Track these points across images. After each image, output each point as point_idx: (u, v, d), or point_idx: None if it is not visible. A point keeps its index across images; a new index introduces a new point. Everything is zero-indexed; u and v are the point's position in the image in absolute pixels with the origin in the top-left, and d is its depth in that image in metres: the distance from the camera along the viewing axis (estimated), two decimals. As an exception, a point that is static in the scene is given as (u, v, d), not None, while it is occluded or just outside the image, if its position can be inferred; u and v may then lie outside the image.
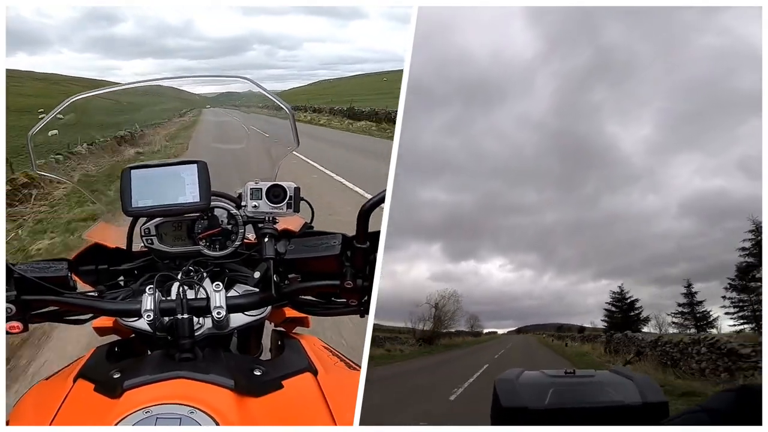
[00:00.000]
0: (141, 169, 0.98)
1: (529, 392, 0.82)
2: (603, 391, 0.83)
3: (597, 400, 0.81)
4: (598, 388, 0.84)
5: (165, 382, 0.78)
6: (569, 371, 0.88)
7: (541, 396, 0.81)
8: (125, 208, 0.97)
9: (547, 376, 0.87)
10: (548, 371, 0.88)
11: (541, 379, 0.86)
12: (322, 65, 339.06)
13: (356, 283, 0.92)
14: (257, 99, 1.17)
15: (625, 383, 0.83)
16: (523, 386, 0.84)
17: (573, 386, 0.84)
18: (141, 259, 1.10)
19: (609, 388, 0.83)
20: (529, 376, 0.87)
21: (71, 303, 0.94)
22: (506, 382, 0.85)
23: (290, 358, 0.94)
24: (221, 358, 0.86)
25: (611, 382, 0.85)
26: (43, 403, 0.85)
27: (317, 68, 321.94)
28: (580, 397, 0.82)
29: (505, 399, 0.81)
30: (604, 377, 0.87)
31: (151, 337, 0.89)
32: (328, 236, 0.97)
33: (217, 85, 1.33)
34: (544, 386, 0.83)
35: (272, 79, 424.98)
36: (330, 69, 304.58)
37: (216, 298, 0.90)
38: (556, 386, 0.83)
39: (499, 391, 0.83)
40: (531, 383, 0.85)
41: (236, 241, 1.03)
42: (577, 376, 0.87)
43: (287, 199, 1.02)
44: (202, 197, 0.97)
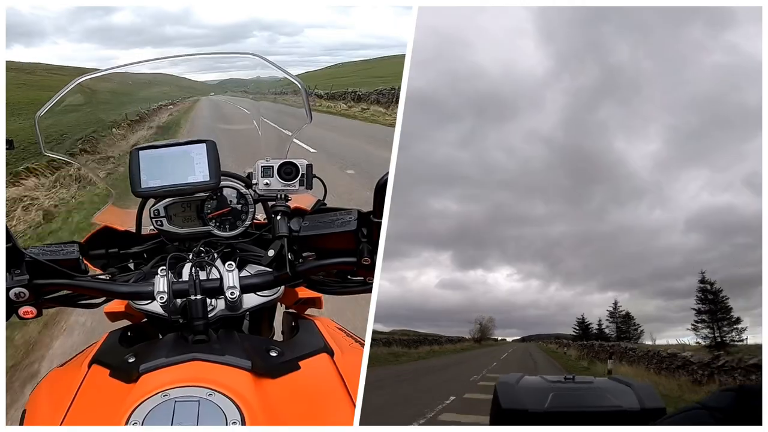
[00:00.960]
0: (149, 149, 0.94)
1: (529, 396, 0.80)
2: (602, 396, 0.81)
3: (595, 405, 0.79)
4: (597, 394, 0.82)
5: (181, 365, 0.75)
6: (569, 377, 0.86)
7: (540, 400, 0.79)
8: (134, 188, 0.93)
9: (547, 381, 0.85)
10: (548, 376, 0.86)
11: (541, 383, 0.84)
12: (325, 51, 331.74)
13: (373, 259, 0.87)
14: (265, 84, 1.13)
15: (624, 390, 0.82)
16: (523, 390, 0.82)
17: (572, 391, 0.82)
18: (150, 241, 1.06)
19: (608, 394, 0.81)
20: (529, 381, 0.85)
21: (84, 286, 0.90)
22: (507, 385, 0.83)
23: (306, 338, 0.90)
24: (236, 339, 0.83)
25: (610, 388, 0.83)
26: (59, 390, 0.82)
27: (319, 54, 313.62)
28: (580, 402, 0.80)
29: (506, 401, 0.80)
30: (603, 384, 0.85)
31: (163, 320, 0.86)
32: (343, 212, 0.92)
33: (223, 72, 1.28)
34: (543, 390, 0.81)
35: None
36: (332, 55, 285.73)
37: (229, 278, 0.86)
38: (555, 391, 0.81)
39: (500, 393, 0.81)
40: (531, 387, 0.83)
41: (246, 220, 0.99)
42: (576, 381, 0.85)
43: (299, 176, 0.97)
44: (212, 176, 0.93)
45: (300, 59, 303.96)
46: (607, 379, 0.87)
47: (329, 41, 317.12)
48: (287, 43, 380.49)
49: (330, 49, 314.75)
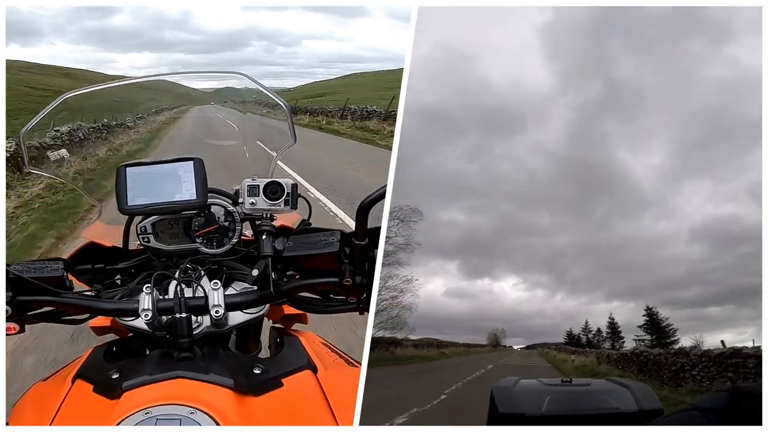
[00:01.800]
0: (136, 167, 0.91)
1: (526, 399, 0.77)
2: (599, 398, 0.77)
3: (593, 407, 0.76)
4: (595, 396, 0.78)
5: (164, 382, 0.73)
6: (566, 380, 0.82)
7: (538, 403, 0.76)
8: (121, 206, 0.90)
9: (543, 384, 0.81)
10: (545, 380, 0.83)
11: (537, 387, 0.81)
12: (321, 63, 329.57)
13: (355, 280, 0.86)
14: (254, 96, 1.12)
15: (621, 391, 0.78)
16: (520, 394, 0.78)
17: (569, 394, 0.79)
18: (137, 257, 1.03)
19: (605, 396, 0.77)
20: (526, 384, 0.81)
21: (68, 303, 0.88)
22: (503, 389, 0.80)
23: (289, 355, 0.89)
24: (220, 357, 0.81)
25: (608, 390, 0.79)
26: (42, 404, 0.80)
27: (315, 66, 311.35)
28: (577, 404, 0.76)
29: (502, 405, 0.76)
30: (600, 386, 0.81)
31: (149, 336, 0.84)
32: (327, 233, 0.91)
33: (214, 81, 1.25)
34: (540, 394, 0.78)
35: (270, 76, 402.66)
36: (328, 67, 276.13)
37: (214, 297, 0.84)
38: (552, 394, 0.77)
39: (496, 397, 0.77)
40: (528, 391, 0.79)
41: (233, 238, 0.96)
42: (573, 384, 0.81)
43: (285, 195, 0.95)
44: (199, 194, 0.91)
45: (296, 70, 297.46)
46: (605, 381, 0.83)
47: (326, 53, 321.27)
48: (285, 53, 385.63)
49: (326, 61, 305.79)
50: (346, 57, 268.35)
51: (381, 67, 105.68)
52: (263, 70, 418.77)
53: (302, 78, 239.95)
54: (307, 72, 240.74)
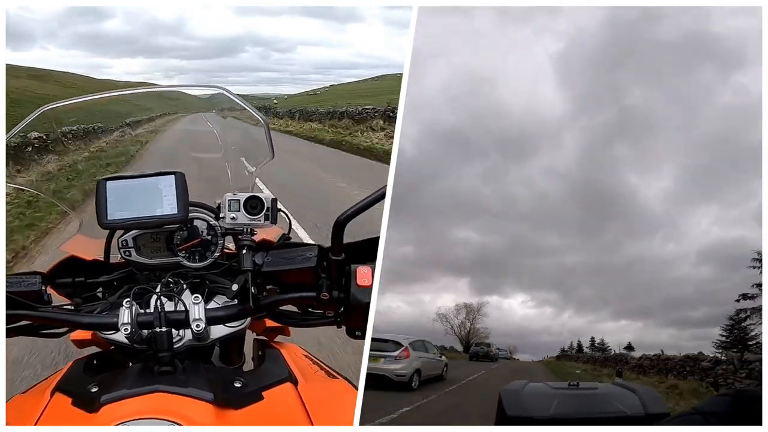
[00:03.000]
0: (116, 180, 0.87)
1: (533, 403, 0.74)
2: (606, 402, 0.74)
3: (600, 411, 0.72)
4: (602, 400, 0.75)
5: (143, 396, 0.69)
6: (573, 383, 0.79)
7: (545, 407, 0.73)
8: (101, 220, 0.86)
9: (551, 387, 0.78)
10: (552, 383, 0.80)
11: (545, 390, 0.78)
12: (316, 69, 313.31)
13: (332, 294, 0.83)
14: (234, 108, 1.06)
15: (628, 395, 0.74)
16: (528, 397, 0.76)
17: (577, 398, 0.76)
18: (119, 270, 0.98)
19: (612, 400, 0.74)
20: (534, 388, 0.78)
21: (46, 317, 0.84)
22: (511, 392, 0.77)
23: (271, 368, 0.85)
24: (201, 371, 0.77)
25: (615, 393, 0.76)
26: (20, 417, 0.76)
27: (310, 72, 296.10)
28: (584, 408, 0.73)
29: (510, 408, 0.74)
30: (607, 389, 0.78)
31: (130, 349, 0.81)
32: (305, 248, 0.88)
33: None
34: (548, 397, 0.75)
35: (265, 82, 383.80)
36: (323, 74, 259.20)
37: (195, 311, 0.81)
38: (560, 397, 0.74)
39: (504, 400, 0.75)
40: (535, 394, 0.76)
41: (216, 252, 0.92)
42: (580, 388, 0.78)
43: (264, 210, 0.91)
44: (180, 209, 0.86)
45: (291, 77, 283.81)
46: (612, 385, 0.80)
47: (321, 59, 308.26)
48: (280, 59, 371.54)
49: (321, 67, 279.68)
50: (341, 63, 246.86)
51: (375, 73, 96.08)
52: (258, 76, 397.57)
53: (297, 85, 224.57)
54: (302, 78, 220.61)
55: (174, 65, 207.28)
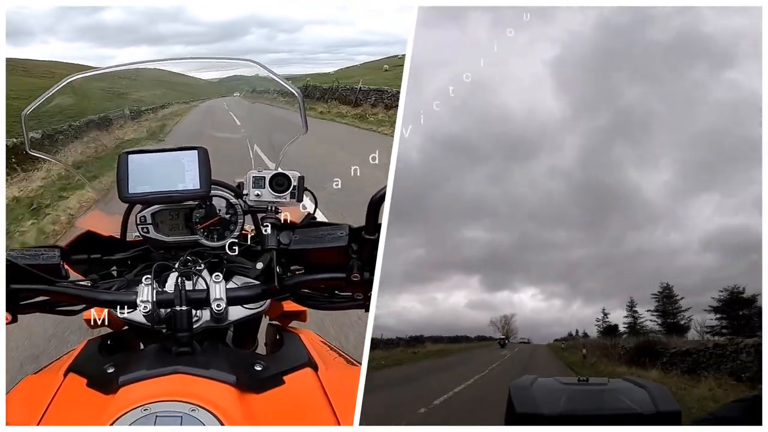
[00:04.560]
0: (138, 154, 0.80)
1: (543, 399, 0.68)
2: (616, 398, 0.68)
3: (610, 408, 0.67)
4: (612, 396, 0.69)
5: (163, 377, 0.64)
6: (582, 379, 0.73)
7: (554, 403, 0.67)
8: (121, 194, 0.79)
9: (560, 383, 0.73)
10: (562, 378, 0.74)
11: (554, 386, 0.72)
12: (325, 49, 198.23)
13: (363, 276, 0.75)
14: (265, 83, 0.98)
15: (639, 392, 0.68)
16: (537, 393, 0.70)
17: (586, 394, 0.70)
18: (135, 248, 0.91)
19: (622, 396, 0.68)
20: (543, 383, 0.73)
21: (63, 292, 0.76)
22: (520, 388, 0.72)
23: (290, 352, 0.79)
24: (221, 352, 0.72)
25: (625, 390, 0.70)
26: (32, 399, 0.70)
27: (319, 52, 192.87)
28: (594, 404, 0.67)
29: (520, 405, 0.68)
30: (617, 385, 0.72)
31: (145, 329, 0.74)
32: (334, 227, 0.80)
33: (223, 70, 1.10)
34: (557, 393, 0.69)
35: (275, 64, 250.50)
36: (333, 53, 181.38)
37: (216, 290, 0.74)
38: (569, 393, 0.69)
39: (514, 397, 0.70)
40: (545, 390, 0.71)
41: (235, 231, 0.85)
42: (590, 383, 0.73)
43: (291, 188, 0.84)
44: (203, 184, 0.79)
45: (300, 57, 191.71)
46: (622, 381, 0.73)
47: (330, 38, 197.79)
48: (286, 40, 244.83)
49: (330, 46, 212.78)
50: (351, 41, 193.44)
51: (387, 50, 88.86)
52: (266, 58, 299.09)
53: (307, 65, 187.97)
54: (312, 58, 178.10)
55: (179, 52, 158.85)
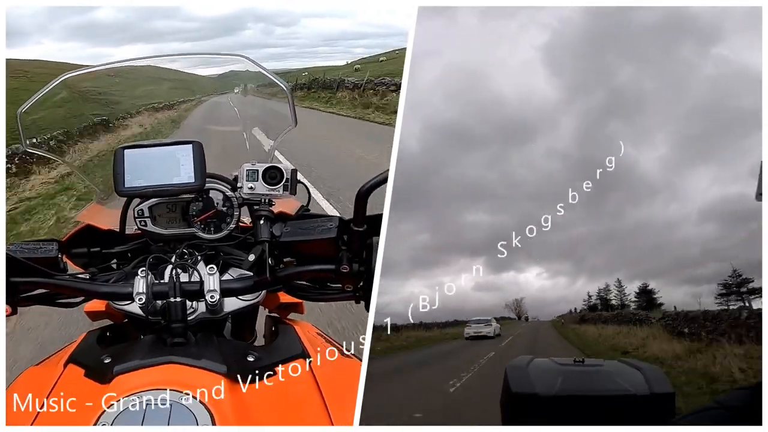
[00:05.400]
0: (134, 148, 0.79)
1: (539, 379, 0.66)
2: (611, 380, 0.65)
3: (605, 389, 0.64)
4: (607, 377, 0.66)
5: (156, 367, 0.63)
6: (578, 360, 0.70)
7: (550, 383, 0.65)
8: (118, 188, 0.78)
9: (556, 363, 0.70)
10: (558, 359, 0.71)
11: (550, 366, 0.70)
12: (324, 42, 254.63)
13: (352, 267, 0.74)
14: (256, 78, 0.95)
15: (634, 373, 0.65)
16: (533, 373, 0.68)
17: (582, 375, 0.67)
18: (134, 241, 0.89)
19: (617, 378, 0.65)
20: (539, 364, 0.70)
21: (61, 285, 0.76)
22: (517, 368, 0.69)
23: (284, 344, 0.77)
24: (214, 343, 0.70)
25: (620, 371, 0.67)
26: (33, 389, 0.70)
27: (318, 45, 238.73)
28: (589, 385, 0.65)
29: (516, 385, 0.66)
30: (612, 366, 0.69)
31: (143, 321, 0.74)
32: (325, 219, 0.79)
33: (216, 66, 1.07)
34: (553, 373, 0.67)
35: (273, 58, 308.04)
36: (331, 45, 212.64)
37: (210, 282, 0.73)
38: (565, 374, 0.66)
39: (510, 377, 0.67)
40: (541, 370, 0.68)
41: (231, 223, 0.84)
42: (586, 365, 0.70)
43: (284, 181, 0.82)
44: (197, 178, 0.78)
45: (298, 51, 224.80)
46: (617, 362, 0.71)
47: (327, 31, 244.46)
48: (284, 34, 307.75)
49: (328, 39, 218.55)
50: (350, 34, 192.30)
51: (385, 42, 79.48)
52: (264, 52, 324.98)
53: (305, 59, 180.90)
54: (310, 52, 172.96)
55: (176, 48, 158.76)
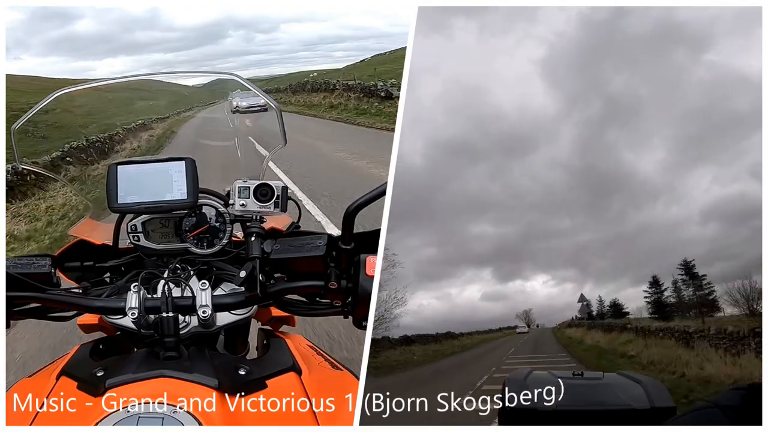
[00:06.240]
0: (127, 165, 0.77)
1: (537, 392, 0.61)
2: (611, 393, 0.61)
3: (605, 402, 0.59)
4: (607, 390, 0.61)
5: (148, 381, 0.62)
6: (577, 373, 0.66)
7: (549, 397, 0.60)
8: (111, 204, 0.76)
9: (555, 376, 0.65)
10: (557, 372, 0.67)
11: (549, 379, 0.65)
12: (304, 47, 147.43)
13: (340, 284, 0.72)
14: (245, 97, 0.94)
15: (634, 386, 0.60)
16: (532, 386, 0.63)
17: (581, 388, 0.62)
18: (128, 256, 0.86)
19: (617, 391, 0.61)
20: (538, 376, 0.66)
21: (54, 300, 0.75)
22: (515, 381, 0.65)
23: (275, 357, 0.75)
24: (206, 357, 0.69)
25: (619, 384, 0.62)
26: (25, 400, 0.67)
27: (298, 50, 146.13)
28: (589, 398, 0.60)
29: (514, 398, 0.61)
30: (612, 379, 0.64)
31: (137, 334, 0.71)
32: (314, 236, 0.77)
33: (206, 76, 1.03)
34: (552, 386, 0.62)
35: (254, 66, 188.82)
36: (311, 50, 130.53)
37: (202, 297, 0.71)
38: (564, 387, 0.62)
39: (509, 390, 0.63)
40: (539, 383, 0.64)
41: (224, 239, 0.82)
42: (585, 377, 0.65)
43: (275, 198, 0.80)
44: (190, 194, 0.76)
45: (280, 57, 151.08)
46: (617, 375, 0.66)
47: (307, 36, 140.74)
48: (264, 40, 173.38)
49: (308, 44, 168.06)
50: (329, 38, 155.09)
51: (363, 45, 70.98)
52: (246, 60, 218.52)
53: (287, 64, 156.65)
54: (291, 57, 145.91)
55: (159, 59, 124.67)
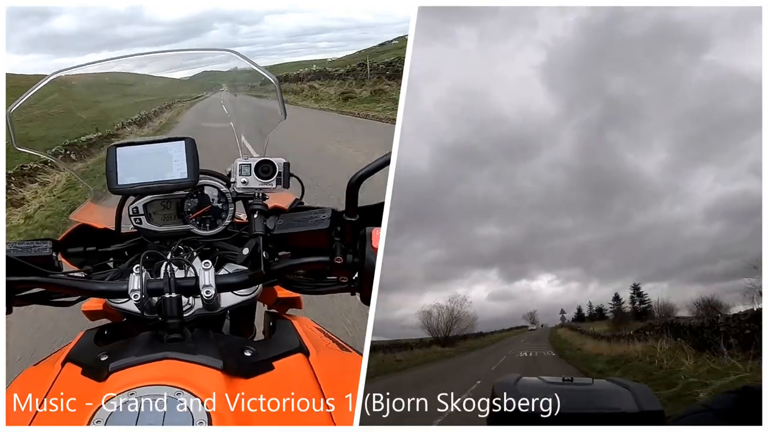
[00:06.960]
0: (127, 146, 0.74)
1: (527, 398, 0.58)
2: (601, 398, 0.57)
3: (594, 407, 0.56)
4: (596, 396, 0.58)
5: (152, 363, 0.59)
6: (567, 378, 0.62)
7: (539, 402, 0.57)
8: (111, 185, 0.73)
9: (545, 382, 0.62)
10: (546, 378, 0.64)
11: (539, 385, 0.62)
12: (288, 38, 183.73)
13: (346, 259, 0.68)
14: (242, 76, 0.89)
15: (622, 392, 0.57)
16: (522, 391, 0.60)
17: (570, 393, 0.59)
18: (130, 239, 0.83)
19: (606, 396, 0.57)
20: (527, 382, 0.63)
21: (56, 284, 0.71)
22: (504, 386, 0.62)
23: (282, 338, 0.72)
24: (210, 339, 0.65)
25: (608, 390, 0.59)
26: (32, 389, 0.65)
27: (283, 42, 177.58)
28: (578, 404, 0.57)
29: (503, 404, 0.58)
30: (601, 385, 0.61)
31: (141, 319, 0.69)
32: (317, 210, 0.73)
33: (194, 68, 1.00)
34: (541, 392, 0.59)
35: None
36: (296, 41, 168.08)
37: (205, 277, 0.68)
38: (553, 393, 0.58)
39: (497, 395, 0.60)
40: (529, 389, 0.61)
41: (226, 219, 0.79)
42: (575, 383, 0.62)
43: (276, 174, 0.77)
44: (190, 174, 0.73)
45: (265, 48, 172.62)
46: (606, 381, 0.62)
47: (291, 27, 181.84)
48: (249, 33, 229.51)
49: (292, 35, 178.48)
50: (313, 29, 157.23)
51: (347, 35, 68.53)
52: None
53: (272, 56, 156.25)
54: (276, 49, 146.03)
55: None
